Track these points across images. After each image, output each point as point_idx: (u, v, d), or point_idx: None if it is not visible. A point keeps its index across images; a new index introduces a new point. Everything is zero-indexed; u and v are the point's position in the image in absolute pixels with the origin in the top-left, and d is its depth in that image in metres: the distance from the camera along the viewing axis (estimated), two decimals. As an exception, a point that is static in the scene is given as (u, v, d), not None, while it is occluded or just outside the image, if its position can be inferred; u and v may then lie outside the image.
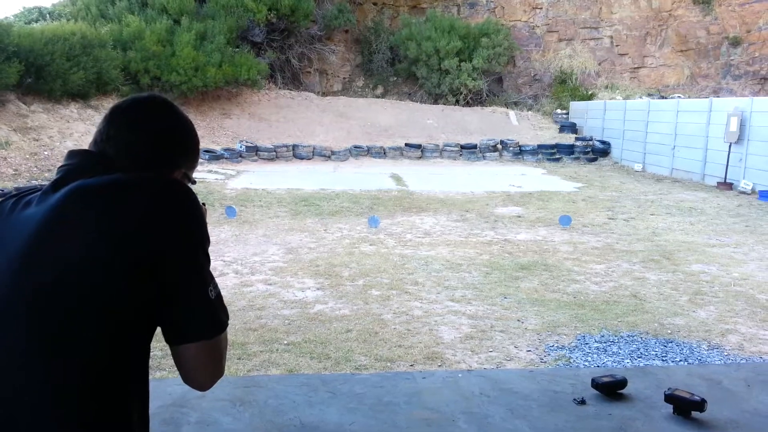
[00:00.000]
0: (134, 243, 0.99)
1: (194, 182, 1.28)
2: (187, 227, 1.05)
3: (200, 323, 1.05)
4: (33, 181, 11.86)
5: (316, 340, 4.43)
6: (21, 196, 1.08)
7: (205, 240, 1.08)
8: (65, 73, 15.30)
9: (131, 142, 1.13)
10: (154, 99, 1.21)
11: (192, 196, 1.08)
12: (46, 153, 13.61)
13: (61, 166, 1.09)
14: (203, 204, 1.61)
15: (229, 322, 1.13)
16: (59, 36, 15.43)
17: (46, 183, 1.10)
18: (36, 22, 20.86)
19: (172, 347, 1.06)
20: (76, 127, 15.23)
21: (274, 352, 4.20)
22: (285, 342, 4.40)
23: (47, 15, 22.24)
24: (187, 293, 1.04)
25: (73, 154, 1.12)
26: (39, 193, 1.06)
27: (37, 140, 13.93)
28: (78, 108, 16.08)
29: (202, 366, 1.08)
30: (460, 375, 2.53)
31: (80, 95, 16.21)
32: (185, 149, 1.21)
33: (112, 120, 1.15)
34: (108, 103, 17.02)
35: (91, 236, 0.98)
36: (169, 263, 1.01)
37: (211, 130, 18.05)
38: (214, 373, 1.10)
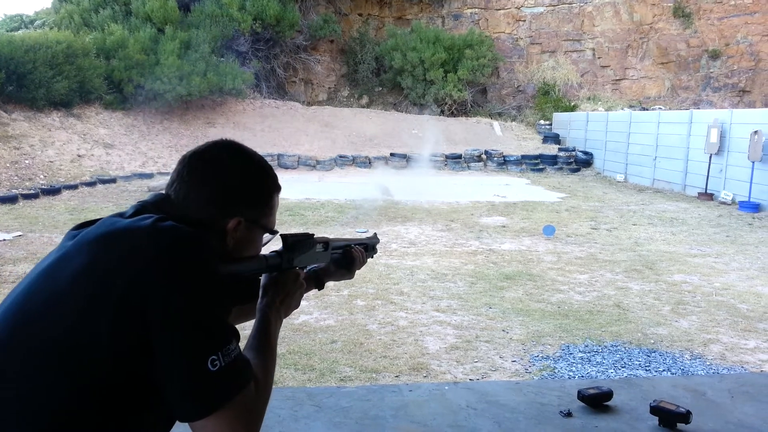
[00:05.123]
0: (117, 293, 0.92)
1: (274, 232, 1.18)
2: (172, 290, 0.92)
3: (195, 400, 0.92)
4: (13, 191, 11.69)
5: (301, 351, 4.39)
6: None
7: (200, 306, 0.94)
8: (48, 81, 15.17)
9: (186, 188, 1.12)
10: (214, 146, 1.18)
11: (193, 256, 0.96)
12: (27, 162, 13.44)
13: (140, 201, 1.12)
14: (300, 269, 1.29)
15: None
16: (41, 44, 15.32)
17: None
18: (18, 30, 20.68)
19: None
20: (58, 136, 15.06)
21: (259, 365, 4.16)
22: (270, 354, 4.36)
23: (29, 23, 22.06)
24: (175, 366, 0.91)
25: (152, 194, 1.14)
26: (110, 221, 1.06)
27: (18, 149, 13.76)
28: (60, 116, 15.92)
29: None
30: (446, 387, 2.52)
31: (63, 104, 16.08)
32: (241, 198, 1.13)
33: (177, 166, 1.16)
34: (90, 112, 16.89)
35: (85, 278, 0.96)
36: (152, 326, 0.91)
37: (195, 139, 17.95)
38: None
